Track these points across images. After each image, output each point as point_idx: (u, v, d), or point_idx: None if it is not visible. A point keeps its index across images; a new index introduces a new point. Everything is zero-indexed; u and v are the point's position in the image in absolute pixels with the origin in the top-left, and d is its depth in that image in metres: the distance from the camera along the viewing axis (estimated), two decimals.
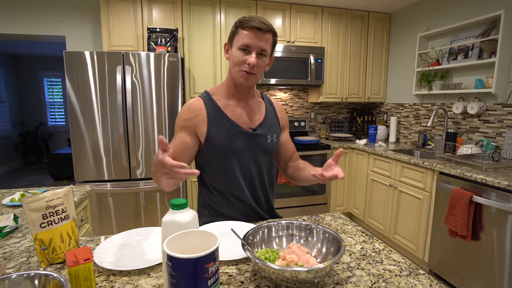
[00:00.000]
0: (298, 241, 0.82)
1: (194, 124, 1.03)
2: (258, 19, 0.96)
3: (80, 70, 2.28)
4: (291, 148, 1.23)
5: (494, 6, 2.33)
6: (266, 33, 0.97)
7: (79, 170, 2.38)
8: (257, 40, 0.96)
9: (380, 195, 2.81)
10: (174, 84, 2.47)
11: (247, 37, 0.96)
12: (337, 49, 3.34)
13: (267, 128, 1.11)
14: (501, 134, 2.33)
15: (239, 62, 0.98)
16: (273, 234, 0.83)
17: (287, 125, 1.25)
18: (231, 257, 0.79)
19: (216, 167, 1.07)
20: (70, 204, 0.81)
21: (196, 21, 2.86)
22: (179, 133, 1.03)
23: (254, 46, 0.96)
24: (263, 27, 0.95)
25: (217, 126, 1.03)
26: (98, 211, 2.44)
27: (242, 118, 1.08)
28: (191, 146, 1.03)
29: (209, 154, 1.06)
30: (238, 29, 0.98)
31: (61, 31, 2.87)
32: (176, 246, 0.55)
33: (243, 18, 0.97)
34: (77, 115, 2.32)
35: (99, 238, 0.93)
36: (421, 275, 0.72)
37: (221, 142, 1.03)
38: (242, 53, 0.97)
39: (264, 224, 0.83)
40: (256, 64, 0.97)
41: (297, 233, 0.83)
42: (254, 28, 0.95)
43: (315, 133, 3.76)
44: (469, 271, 1.93)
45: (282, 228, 0.84)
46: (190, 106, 1.05)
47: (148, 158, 2.49)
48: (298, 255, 0.72)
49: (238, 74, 1.00)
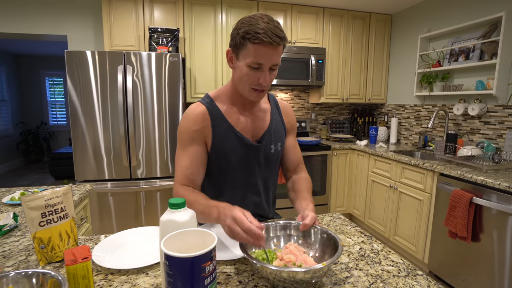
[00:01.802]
0: (296, 241, 0.82)
1: (204, 134, 0.97)
2: (271, 30, 0.82)
3: (81, 70, 2.29)
4: (294, 157, 1.13)
5: (495, 8, 2.33)
6: (279, 45, 0.84)
7: (80, 169, 2.39)
8: (271, 56, 0.84)
9: (380, 196, 2.81)
10: (175, 84, 2.48)
11: (259, 55, 0.83)
12: (338, 50, 3.34)
13: (272, 137, 1.04)
14: (502, 135, 2.33)
15: (249, 80, 0.89)
16: (271, 234, 0.83)
17: (293, 129, 1.15)
18: (229, 257, 0.79)
19: (218, 178, 1.03)
20: (69, 203, 0.82)
21: (197, 21, 2.87)
22: (191, 146, 0.97)
23: (267, 63, 0.85)
24: (277, 41, 0.82)
25: (222, 136, 0.98)
26: (99, 210, 2.44)
27: (247, 128, 1.01)
28: (206, 157, 0.99)
29: (211, 164, 1.02)
30: (246, 42, 0.83)
31: (62, 31, 2.88)
32: (173, 245, 0.55)
33: (252, 28, 0.82)
34: (78, 114, 2.33)
35: (98, 237, 0.93)
36: (419, 276, 0.72)
37: (225, 154, 0.99)
38: (253, 71, 0.87)
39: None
40: (269, 80, 0.89)
41: (295, 233, 0.83)
42: (267, 43, 0.82)
43: (316, 133, 3.76)
44: (469, 273, 1.93)
45: (280, 228, 0.84)
46: (195, 115, 0.97)
47: (148, 158, 2.49)
48: (295, 255, 0.72)
49: (248, 91, 0.91)
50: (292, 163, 1.13)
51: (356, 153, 3.13)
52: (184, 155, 0.97)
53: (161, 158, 2.52)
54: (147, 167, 2.50)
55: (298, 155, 1.15)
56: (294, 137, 1.16)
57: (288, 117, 1.13)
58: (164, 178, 2.56)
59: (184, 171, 0.96)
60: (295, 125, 1.17)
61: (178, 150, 0.99)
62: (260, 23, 0.82)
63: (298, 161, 1.14)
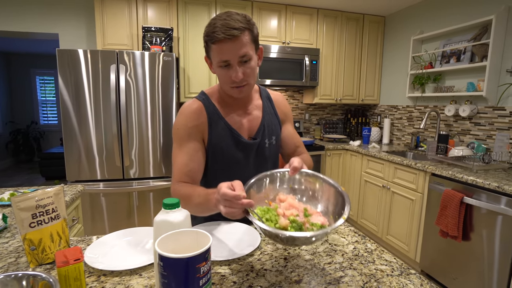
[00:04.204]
0: (288, 191, 0.81)
1: (201, 130, 0.96)
2: (224, 26, 0.81)
3: (73, 69, 2.26)
4: (292, 142, 1.12)
5: (486, 11, 2.37)
6: (239, 37, 0.82)
7: (71, 170, 2.36)
8: (233, 50, 0.83)
9: (373, 196, 2.83)
10: (168, 84, 2.46)
11: (221, 53, 0.84)
12: (332, 51, 3.36)
13: (266, 131, 1.04)
14: (492, 136, 2.37)
15: (225, 81, 0.89)
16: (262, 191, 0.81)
17: (288, 117, 1.14)
18: (224, 257, 0.79)
19: (214, 177, 1.01)
20: (61, 204, 0.80)
21: (191, 20, 2.86)
22: (189, 142, 0.95)
23: (233, 58, 0.84)
24: (233, 34, 0.81)
25: (218, 134, 0.97)
26: (91, 211, 2.41)
27: (242, 127, 1.01)
28: (203, 153, 0.98)
29: (207, 162, 1.00)
30: (209, 44, 0.85)
31: (54, 29, 2.84)
32: (167, 245, 0.54)
33: (210, 30, 0.83)
34: (69, 113, 2.29)
35: (91, 238, 0.92)
36: (412, 275, 0.73)
37: (221, 152, 0.98)
38: (224, 69, 0.87)
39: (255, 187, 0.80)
40: (243, 74, 0.87)
41: (284, 184, 0.82)
42: (223, 38, 0.81)
43: (310, 134, 3.77)
44: (459, 272, 1.95)
45: (270, 183, 0.82)
46: (192, 111, 0.96)
47: (141, 158, 2.47)
48: (296, 207, 0.72)
49: (229, 90, 0.92)
50: (290, 148, 1.12)
51: (350, 153, 3.16)
52: (182, 152, 0.95)
53: (154, 158, 2.50)
54: (140, 167, 2.48)
55: (297, 140, 1.14)
56: (291, 124, 1.15)
57: (280, 107, 1.11)
58: (157, 178, 2.54)
59: (182, 168, 0.94)
60: (290, 113, 1.15)
61: (175, 148, 0.97)
62: (217, 22, 0.82)
63: (297, 144, 1.13)
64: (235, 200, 0.64)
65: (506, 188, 1.64)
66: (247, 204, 0.64)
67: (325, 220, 0.71)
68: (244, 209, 0.66)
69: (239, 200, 0.64)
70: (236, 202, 0.64)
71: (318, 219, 0.70)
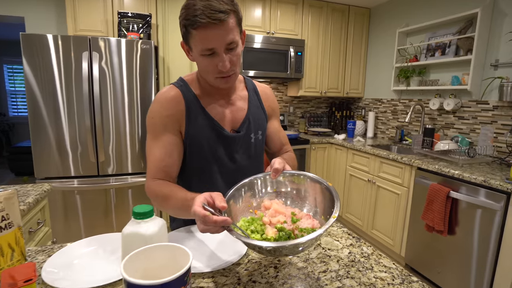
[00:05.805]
0: (270, 196, 0.76)
1: (178, 120, 0.86)
2: (207, 8, 0.70)
3: (41, 55, 2.07)
4: (278, 139, 1.04)
5: (471, 5, 2.36)
6: (225, 21, 0.72)
7: (41, 166, 2.18)
8: (219, 37, 0.73)
9: (358, 190, 2.81)
10: (147, 74, 2.31)
11: (206, 40, 0.73)
12: (317, 42, 3.28)
13: (251, 125, 0.95)
14: (475, 130, 2.38)
15: (209, 70, 0.80)
16: (240, 202, 0.74)
17: (275, 113, 1.05)
18: (207, 268, 0.70)
19: (194, 173, 0.92)
20: (14, 210, 0.68)
21: (171, 7, 2.69)
22: (164, 134, 0.85)
23: (219, 46, 0.74)
24: (219, 18, 0.71)
25: (196, 125, 0.87)
26: (63, 210, 2.25)
27: (224, 118, 0.91)
28: (181, 146, 0.88)
29: (184, 158, 0.90)
30: (189, 29, 0.74)
31: (19, 11, 2.60)
32: (137, 265, 0.44)
33: (189, 13, 0.72)
34: (39, 104, 2.11)
35: (52, 248, 0.80)
36: (414, 283, 0.67)
37: (200, 146, 0.88)
38: (208, 58, 0.77)
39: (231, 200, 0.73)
40: (230, 62, 0.78)
41: (268, 189, 0.77)
42: (208, 23, 0.71)
43: (294, 127, 3.71)
44: (443, 265, 1.96)
45: (248, 189, 0.76)
46: (168, 99, 0.86)
47: (119, 153, 2.32)
48: (282, 212, 0.67)
49: (213, 80, 0.82)
50: (276, 145, 1.05)
51: (334, 147, 3.12)
52: (157, 145, 0.85)
53: (132, 153, 2.36)
54: (117, 163, 2.33)
55: (283, 137, 1.06)
56: (278, 120, 1.07)
57: (268, 101, 1.03)
58: (136, 174, 2.40)
59: (157, 163, 0.84)
60: (277, 108, 1.07)
61: (149, 140, 0.87)
62: (198, 3, 0.71)
63: (283, 142, 1.06)
64: (208, 220, 0.57)
65: (492, 182, 1.64)
66: (221, 223, 0.57)
67: (315, 223, 0.65)
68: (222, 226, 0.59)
69: (211, 220, 0.57)
70: (210, 222, 0.57)
71: (307, 223, 0.65)
